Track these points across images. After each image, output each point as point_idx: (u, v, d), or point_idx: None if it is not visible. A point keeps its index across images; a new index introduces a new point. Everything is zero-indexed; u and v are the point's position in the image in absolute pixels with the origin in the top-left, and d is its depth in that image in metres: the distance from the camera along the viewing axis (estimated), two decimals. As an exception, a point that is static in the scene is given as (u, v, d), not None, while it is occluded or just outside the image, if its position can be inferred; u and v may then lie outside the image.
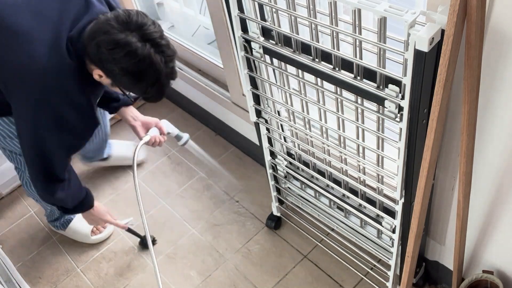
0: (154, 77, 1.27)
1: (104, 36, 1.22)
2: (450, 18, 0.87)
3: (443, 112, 1.00)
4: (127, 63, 1.23)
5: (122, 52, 1.22)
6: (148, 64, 1.25)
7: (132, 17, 1.24)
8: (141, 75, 1.26)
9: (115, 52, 1.22)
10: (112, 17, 1.24)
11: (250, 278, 1.81)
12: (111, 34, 1.22)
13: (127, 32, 1.22)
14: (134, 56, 1.22)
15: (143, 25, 1.24)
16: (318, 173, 1.60)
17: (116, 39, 1.22)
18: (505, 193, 1.24)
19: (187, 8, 2.27)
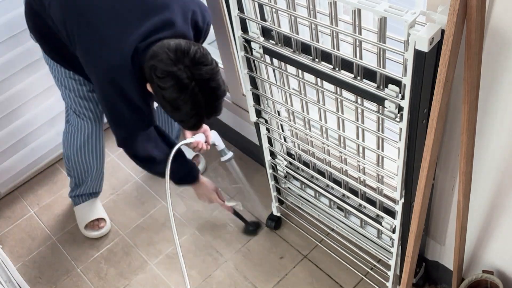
0: (193, 112, 1.32)
1: (158, 63, 1.27)
2: (450, 18, 0.87)
3: (443, 112, 1.00)
4: (170, 94, 1.28)
5: (168, 83, 1.27)
6: (189, 101, 1.28)
7: (190, 52, 1.27)
8: (180, 108, 1.31)
9: (162, 81, 1.27)
10: (172, 47, 1.27)
11: (250, 278, 1.81)
12: (164, 63, 1.26)
13: (179, 66, 1.26)
14: (178, 91, 1.27)
15: (198, 63, 1.27)
16: (318, 173, 1.60)
17: (165, 70, 1.26)
18: (505, 193, 1.24)
19: (187, 8, 2.26)
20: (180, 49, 1.27)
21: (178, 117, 1.36)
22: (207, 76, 1.28)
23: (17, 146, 2.16)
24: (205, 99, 1.30)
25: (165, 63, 1.26)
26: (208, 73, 1.28)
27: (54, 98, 2.15)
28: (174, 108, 1.32)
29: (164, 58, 1.26)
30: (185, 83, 1.26)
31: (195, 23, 1.45)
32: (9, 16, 1.88)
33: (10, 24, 1.90)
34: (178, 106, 1.30)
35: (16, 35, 1.93)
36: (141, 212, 2.10)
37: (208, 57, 1.30)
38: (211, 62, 1.30)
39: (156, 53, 1.29)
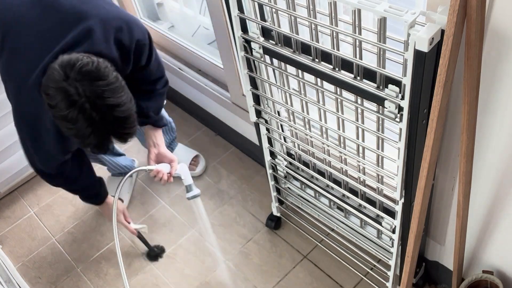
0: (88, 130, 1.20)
1: (46, 80, 1.18)
2: (450, 18, 0.87)
3: (443, 112, 1.00)
4: (58, 112, 1.18)
5: (55, 100, 1.17)
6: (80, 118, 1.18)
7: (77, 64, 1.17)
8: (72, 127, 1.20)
9: (51, 99, 1.18)
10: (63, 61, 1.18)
11: (250, 278, 1.81)
12: (51, 78, 1.17)
13: (68, 81, 1.16)
14: (66, 107, 1.17)
15: (86, 77, 1.17)
16: (318, 173, 1.60)
17: (52, 86, 1.17)
18: (505, 193, 1.24)
19: (187, 8, 2.27)
20: (70, 63, 1.17)
21: (75, 135, 1.23)
22: (97, 92, 1.17)
23: (17, 145, 2.16)
24: (100, 116, 1.19)
25: (52, 78, 1.17)
26: (99, 88, 1.17)
27: (54, 98, 2.15)
28: (67, 127, 1.20)
29: (52, 74, 1.17)
30: (73, 99, 1.16)
31: (119, 41, 1.36)
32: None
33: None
34: (69, 125, 1.19)
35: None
36: (141, 212, 2.10)
37: (104, 71, 1.19)
38: (106, 76, 1.19)
39: (49, 71, 1.20)
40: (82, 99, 1.16)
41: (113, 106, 1.19)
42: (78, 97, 1.16)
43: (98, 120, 1.19)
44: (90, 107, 1.17)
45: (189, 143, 2.32)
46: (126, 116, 1.23)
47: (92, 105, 1.17)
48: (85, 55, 1.21)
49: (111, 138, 1.26)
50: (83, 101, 1.16)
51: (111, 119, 1.21)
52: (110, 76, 1.20)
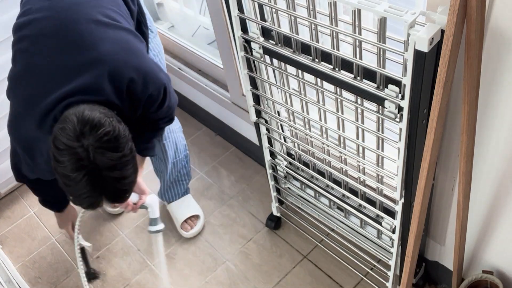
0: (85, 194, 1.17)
1: (61, 132, 1.14)
2: (450, 19, 0.87)
3: (443, 112, 1.00)
4: (63, 170, 1.15)
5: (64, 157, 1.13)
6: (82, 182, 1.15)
7: (100, 131, 1.13)
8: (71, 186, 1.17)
9: (59, 153, 1.14)
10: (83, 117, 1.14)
11: (250, 279, 1.81)
12: (67, 134, 1.13)
13: (82, 142, 1.12)
14: (72, 170, 1.13)
15: (103, 146, 1.13)
16: (318, 173, 1.60)
17: (65, 143, 1.13)
18: (505, 193, 1.24)
19: (187, 8, 2.27)
20: (91, 123, 1.13)
21: (68, 193, 1.20)
22: (108, 164, 1.14)
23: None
24: (103, 185, 1.17)
25: (68, 134, 1.12)
26: (112, 161, 1.14)
27: (54, 98, 2.15)
28: (65, 184, 1.18)
29: (68, 129, 1.12)
30: (82, 164, 1.12)
31: (131, 92, 1.31)
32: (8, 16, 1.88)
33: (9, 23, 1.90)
34: (69, 184, 1.16)
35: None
36: (140, 212, 2.10)
37: (121, 142, 1.16)
38: (122, 149, 1.16)
39: (64, 119, 1.15)
40: (92, 166, 1.13)
41: (119, 179, 1.17)
42: (88, 163, 1.12)
43: (99, 187, 1.17)
44: (96, 175, 1.14)
45: (189, 143, 2.32)
46: (127, 189, 1.23)
47: (99, 174, 1.14)
48: (107, 116, 1.16)
49: (103, 202, 1.23)
50: (92, 168, 1.13)
51: (112, 189, 1.19)
52: (126, 149, 1.17)
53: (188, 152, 1.92)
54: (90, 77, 1.23)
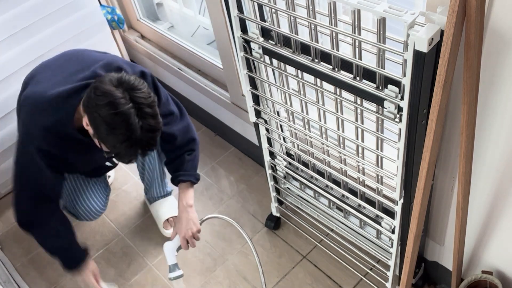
0: (125, 136, 1.31)
1: (99, 84, 1.33)
2: (450, 19, 0.87)
3: (442, 113, 1.00)
4: (105, 112, 1.30)
5: (105, 100, 1.30)
6: (124, 121, 1.30)
7: (129, 79, 1.34)
8: (114, 129, 1.31)
9: (100, 99, 1.30)
10: (115, 76, 1.34)
11: (249, 279, 1.81)
12: (104, 84, 1.32)
13: (119, 89, 1.31)
14: (113, 108, 1.29)
15: (136, 89, 1.32)
16: (318, 173, 1.60)
17: (104, 89, 1.31)
18: (504, 193, 1.24)
19: (186, 9, 2.27)
20: (121, 78, 1.34)
21: (110, 141, 1.35)
22: (144, 101, 1.32)
23: (17, 146, 2.16)
24: (141, 123, 1.31)
25: (106, 83, 1.32)
26: (146, 99, 1.33)
27: (53, 98, 2.15)
28: (108, 128, 1.31)
29: (106, 80, 1.33)
30: (122, 102, 1.29)
31: None
32: (8, 15, 1.88)
33: (9, 23, 1.90)
34: (113, 126, 1.30)
35: (15, 34, 1.93)
36: (140, 212, 2.10)
37: (147, 88, 1.36)
38: (149, 92, 1.35)
39: (98, 80, 1.36)
40: (129, 104, 1.29)
41: (152, 115, 1.33)
42: (126, 102, 1.29)
43: (138, 128, 1.30)
44: (134, 113, 1.30)
45: (188, 143, 2.32)
46: (158, 128, 1.37)
47: (137, 112, 1.30)
48: (130, 75, 1.38)
49: (138, 150, 1.36)
50: (130, 106, 1.29)
51: (147, 129, 1.33)
52: (151, 93, 1.37)
53: None
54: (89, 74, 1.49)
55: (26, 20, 1.93)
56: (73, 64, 1.56)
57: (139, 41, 2.42)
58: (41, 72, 1.58)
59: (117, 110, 1.29)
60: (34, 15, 1.94)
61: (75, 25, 2.08)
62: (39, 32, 1.98)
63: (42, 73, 1.57)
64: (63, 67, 1.56)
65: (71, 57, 1.61)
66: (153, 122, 1.34)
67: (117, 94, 1.30)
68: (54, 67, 1.58)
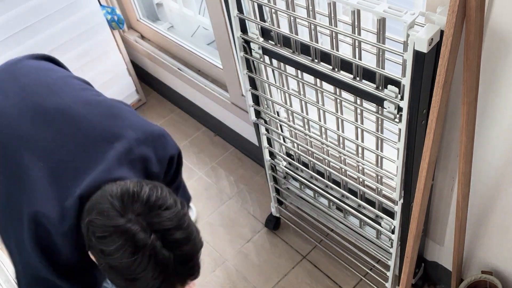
0: (159, 279, 0.92)
1: (97, 217, 0.92)
2: (449, 19, 0.87)
3: (442, 113, 1.00)
4: (119, 260, 0.90)
5: (114, 244, 0.89)
6: (150, 264, 0.90)
7: (141, 194, 0.92)
8: (137, 278, 0.91)
9: (106, 243, 0.90)
10: (116, 191, 0.93)
11: (249, 279, 1.81)
12: (106, 215, 0.91)
13: (129, 216, 0.90)
14: (131, 253, 0.89)
15: (154, 207, 0.92)
16: (317, 173, 1.60)
17: (108, 225, 0.90)
18: (504, 194, 1.24)
19: (186, 9, 2.27)
20: (128, 192, 0.92)
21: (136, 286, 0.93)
22: (170, 224, 0.91)
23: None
24: (174, 257, 0.92)
25: (107, 215, 0.90)
26: (171, 220, 0.92)
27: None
28: (128, 279, 0.92)
29: (106, 209, 0.91)
30: (141, 239, 0.89)
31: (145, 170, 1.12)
32: (8, 16, 1.88)
33: (9, 23, 1.90)
34: (134, 276, 0.90)
35: (14, 34, 1.93)
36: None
37: (169, 198, 0.95)
38: (173, 204, 0.94)
39: (94, 203, 0.94)
40: (152, 237, 0.90)
41: (186, 240, 0.94)
42: (145, 236, 0.89)
43: (171, 262, 0.92)
44: (160, 248, 0.90)
45: (188, 143, 2.32)
46: (197, 251, 0.97)
47: (164, 245, 0.91)
48: (139, 181, 0.97)
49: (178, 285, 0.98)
50: (153, 239, 0.90)
51: (185, 259, 0.94)
52: (174, 201, 0.96)
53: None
54: None
55: (26, 20, 1.93)
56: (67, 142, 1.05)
57: (139, 41, 2.42)
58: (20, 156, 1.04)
59: (136, 254, 0.89)
60: (34, 16, 1.94)
61: (75, 26, 2.08)
62: (39, 32, 1.98)
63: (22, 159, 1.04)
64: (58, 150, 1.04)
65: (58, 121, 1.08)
66: (188, 248, 0.94)
67: (129, 228, 0.89)
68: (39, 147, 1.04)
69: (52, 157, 1.03)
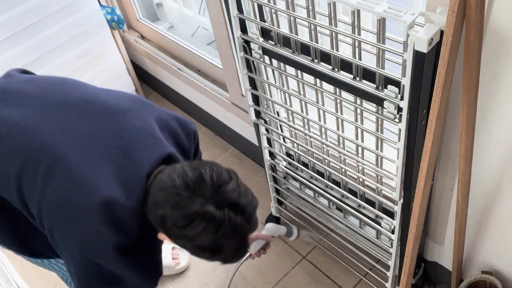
0: (239, 244, 1.05)
1: (172, 211, 0.99)
2: (449, 19, 0.87)
3: (442, 113, 1.00)
4: (204, 239, 0.99)
5: (198, 228, 0.98)
6: (231, 234, 1.00)
7: (205, 178, 1.00)
8: (222, 248, 1.03)
9: (189, 229, 0.99)
10: (180, 183, 0.99)
11: (249, 279, 1.81)
12: (181, 207, 0.98)
13: (199, 199, 0.98)
14: (214, 231, 0.98)
15: (219, 186, 1.00)
16: (317, 173, 1.60)
17: (187, 215, 0.98)
18: (504, 194, 1.24)
19: (186, 9, 2.27)
20: (192, 179, 0.99)
21: (221, 259, 1.08)
22: (235, 195, 1.01)
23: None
24: (245, 219, 1.02)
25: (182, 206, 0.98)
26: (234, 191, 1.01)
27: (53, 98, 2.15)
28: (214, 252, 1.04)
29: (178, 201, 0.98)
30: (218, 216, 0.98)
31: None
32: (7, 16, 1.88)
33: (8, 24, 1.90)
34: (219, 247, 1.02)
35: (14, 34, 1.93)
36: None
37: (224, 173, 1.04)
38: (228, 177, 1.03)
39: (162, 199, 1.00)
40: (226, 211, 0.99)
41: (249, 203, 1.04)
42: (221, 213, 0.98)
43: (244, 223, 1.02)
44: (234, 215, 1.00)
45: (188, 143, 2.32)
46: (256, 207, 1.08)
47: (235, 211, 1.00)
48: (187, 163, 1.04)
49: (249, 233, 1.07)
50: (227, 212, 0.99)
51: (248, 217, 1.04)
52: (230, 173, 1.05)
53: None
54: None
55: (26, 20, 1.93)
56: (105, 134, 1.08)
57: (139, 41, 2.42)
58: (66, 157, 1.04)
59: (218, 230, 0.98)
60: (34, 16, 1.94)
61: (75, 26, 2.08)
62: (39, 32, 1.98)
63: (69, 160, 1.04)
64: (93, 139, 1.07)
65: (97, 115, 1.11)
66: (252, 208, 1.05)
67: (206, 211, 0.97)
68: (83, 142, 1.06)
69: (96, 144, 1.05)
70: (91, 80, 2.25)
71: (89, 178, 1.02)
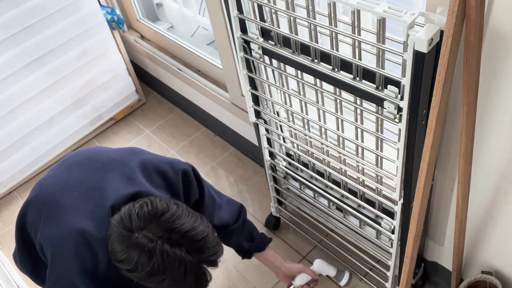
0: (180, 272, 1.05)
1: (110, 246, 1.06)
2: (449, 19, 0.87)
3: (442, 113, 1.00)
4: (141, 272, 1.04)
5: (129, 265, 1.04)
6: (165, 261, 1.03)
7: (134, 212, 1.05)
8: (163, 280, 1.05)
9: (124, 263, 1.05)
10: (116, 222, 1.06)
11: (249, 279, 1.81)
12: (114, 244, 1.05)
13: (133, 235, 1.03)
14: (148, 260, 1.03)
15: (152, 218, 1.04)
16: (317, 173, 1.60)
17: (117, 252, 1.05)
18: (504, 194, 1.24)
19: (186, 9, 2.27)
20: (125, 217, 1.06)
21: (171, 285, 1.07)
22: (167, 226, 1.04)
23: (16, 146, 2.16)
24: (185, 249, 1.05)
25: (118, 241, 1.05)
26: (168, 222, 1.05)
27: (52, 98, 2.15)
28: (158, 281, 1.05)
29: (114, 238, 1.05)
30: (150, 248, 1.02)
31: None
32: (7, 16, 1.88)
33: (8, 24, 1.90)
34: (160, 277, 1.04)
35: (14, 34, 1.93)
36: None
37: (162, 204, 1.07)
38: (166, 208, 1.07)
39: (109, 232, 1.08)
40: (158, 242, 1.03)
41: (188, 231, 1.06)
42: (153, 243, 1.02)
43: (185, 255, 1.05)
44: (170, 246, 1.03)
45: (188, 143, 2.32)
46: (205, 237, 1.08)
47: (171, 243, 1.04)
48: (132, 203, 1.10)
49: (205, 269, 1.11)
50: (160, 243, 1.03)
51: (195, 247, 1.07)
52: (170, 206, 1.08)
53: None
54: None
55: (26, 20, 1.93)
56: None
57: (138, 41, 2.42)
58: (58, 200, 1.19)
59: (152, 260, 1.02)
60: (34, 16, 1.94)
61: (75, 26, 2.08)
62: (39, 32, 1.98)
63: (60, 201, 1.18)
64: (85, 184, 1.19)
65: None
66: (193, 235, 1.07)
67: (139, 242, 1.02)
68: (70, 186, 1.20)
69: (82, 186, 1.19)
70: (91, 80, 2.26)
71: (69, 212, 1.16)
